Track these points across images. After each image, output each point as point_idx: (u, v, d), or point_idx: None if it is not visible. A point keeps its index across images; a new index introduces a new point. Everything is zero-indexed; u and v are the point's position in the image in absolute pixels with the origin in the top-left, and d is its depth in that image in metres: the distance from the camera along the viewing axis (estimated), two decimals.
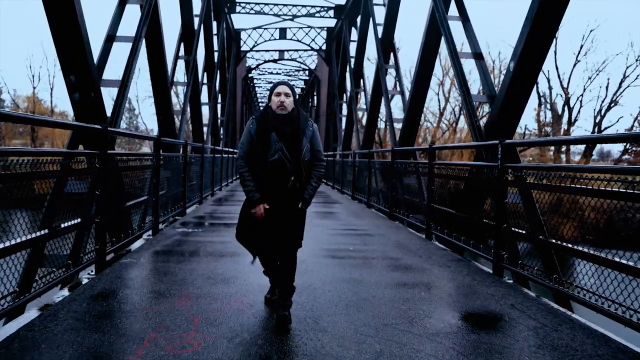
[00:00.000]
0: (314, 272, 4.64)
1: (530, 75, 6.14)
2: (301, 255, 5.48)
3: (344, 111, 23.71)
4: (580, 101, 37.15)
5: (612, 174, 3.55)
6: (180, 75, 13.85)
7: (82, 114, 6.69)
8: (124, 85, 7.70)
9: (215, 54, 18.81)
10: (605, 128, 34.90)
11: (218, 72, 19.82)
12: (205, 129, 16.89)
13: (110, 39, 8.20)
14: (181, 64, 13.90)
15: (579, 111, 37.56)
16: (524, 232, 4.79)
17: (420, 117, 11.70)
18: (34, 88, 47.29)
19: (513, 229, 4.74)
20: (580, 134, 31.95)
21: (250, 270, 4.62)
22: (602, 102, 34.95)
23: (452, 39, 8.11)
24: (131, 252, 5.39)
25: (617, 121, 51.07)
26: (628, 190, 3.23)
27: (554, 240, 4.17)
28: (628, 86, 33.94)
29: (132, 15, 8.57)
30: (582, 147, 35.40)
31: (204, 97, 18.21)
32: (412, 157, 10.88)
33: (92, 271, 4.53)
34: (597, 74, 45.41)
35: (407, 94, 11.82)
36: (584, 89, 37.10)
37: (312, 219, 8.47)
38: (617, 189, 3.37)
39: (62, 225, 4.16)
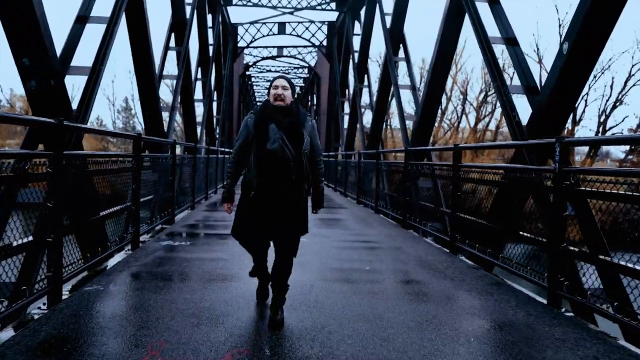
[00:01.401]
0: (326, 305, 3.67)
1: (589, 59, 5.13)
2: (309, 277, 4.54)
3: (346, 109, 22.72)
4: (585, 100, 36.24)
5: None
6: (173, 68, 12.85)
7: (40, 106, 5.63)
8: (95, 73, 6.64)
9: (210, 48, 17.78)
10: (610, 128, 34.09)
11: (213, 67, 18.81)
12: (199, 127, 15.90)
13: (82, 20, 7.13)
14: (172, 56, 12.91)
15: (583, 110, 36.63)
16: (584, 251, 3.85)
17: (436, 114, 10.75)
18: None
19: (571, 247, 3.80)
20: None
21: (246, 301, 3.65)
22: (607, 101, 34.11)
23: (481, 20, 7.11)
24: (103, 273, 4.43)
25: (623, 120, 50.13)
26: None
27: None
28: (634, 85, 33.04)
29: None
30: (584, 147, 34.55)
31: (198, 94, 17.25)
32: (426, 158, 9.92)
33: (45, 303, 3.58)
34: (602, 73, 44.44)
35: (419, 88, 10.91)
36: (589, 87, 36.09)
37: (317, 228, 7.51)
38: None
39: (10, 245, 3.22)
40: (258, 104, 48.21)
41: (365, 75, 17.89)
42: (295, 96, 3.47)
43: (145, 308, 3.48)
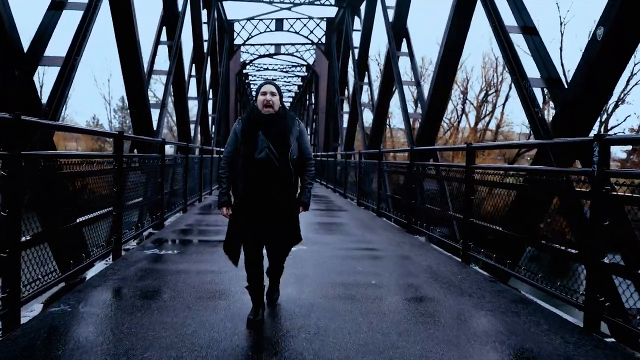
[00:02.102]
0: (330, 331, 3.13)
1: (628, 46, 4.58)
2: (308, 294, 4.00)
3: (345, 108, 22.15)
4: None
5: None
6: (166, 65, 12.22)
7: (1, 99, 5.03)
8: (68, 64, 6.04)
9: (205, 45, 17.18)
10: (612, 127, 33.65)
11: (208, 63, 18.21)
12: (192, 126, 15.32)
13: (58, 5, 6.50)
14: (166, 53, 12.28)
15: None
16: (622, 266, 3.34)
17: (443, 112, 10.21)
18: None
19: (611, 262, 3.29)
20: None
21: (235, 326, 3.12)
22: (608, 99, 33.66)
23: (496, 8, 6.54)
24: (75, 289, 3.90)
25: (625, 120, 49.72)
26: None
27: None
28: (636, 84, 32.57)
29: None
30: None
31: (193, 91, 16.66)
32: (432, 158, 9.39)
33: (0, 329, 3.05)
34: None
35: (424, 85, 10.36)
36: None
37: (316, 234, 6.98)
38: None
39: None
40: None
41: (366, 73, 17.33)
42: (282, 98, 3.45)
43: (117, 335, 2.95)
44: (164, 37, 12.24)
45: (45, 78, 35.35)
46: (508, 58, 6.24)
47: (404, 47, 12.17)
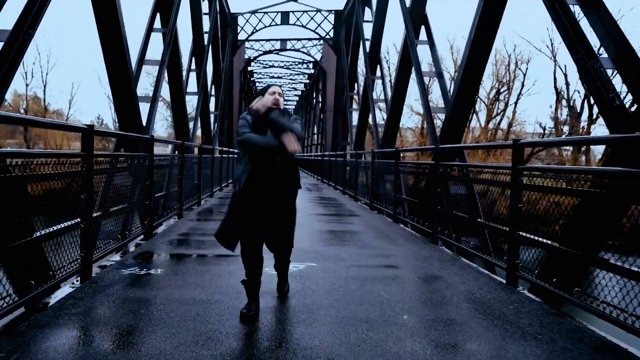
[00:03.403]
0: None
1: None
2: (325, 339, 3.02)
3: (354, 106, 21.08)
4: None
5: None
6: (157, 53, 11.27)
7: None
8: (16, 42, 5.00)
9: (205, 36, 16.18)
10: None
11: (210, 56, 17.22)
12: (191, 123, 14.34)
13: None
14: (158, 41, 11.21)
15: None
16: None
17: (472, 106, 9.20)
18: (27, 85, 44.66)
19: None
20: None
21: None
22: (624, 97, 32.49)
23: None
24: (13, 331, 2.97)
25: None
26: None
27: None
28: None
29: None
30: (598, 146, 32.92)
31: (193, 86, 15.71)
32: (457, 158, 8.38)
33: None
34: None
35: (446, 77, 9.39)
36: None
37: (327, 245, 6.04)
38: None
39: None
40: None
41: (379, 65, 16.24)
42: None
43: None
44: (158, 25, 11.27)
45: None
46: (567, 32, 5.16)
47: (424, 35, 11.13)
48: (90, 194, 4.16)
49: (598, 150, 34.03)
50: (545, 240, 4.09)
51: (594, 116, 33.56)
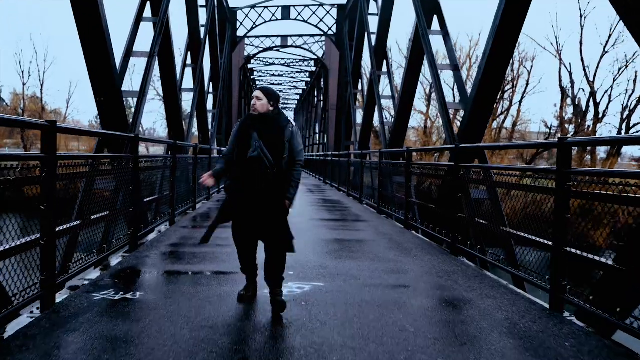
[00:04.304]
0: None
1: None
2: None
3: (358, 103, 20.32)
4: (609, 95, 33.91)
5: None
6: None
7: None
8: None
9: (202, 30, 15.43)
10: (635, 124, 31.71)
11: (207, 51, 16.47)
12: (187, 121, 13.61)
13: None
14: (150, 32, 10.39)
15: (607, 106, 34.09)
16: None
17: (494, 101, 8.41)
18: (24, 84, 43.89)
19: None
20: None
21: None
22: (630, 96, 31.69)
23: None
24: None
25: None
26: None
27: None
28: None
29: None
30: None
31: (189, 83, 14.92)
32: (477, 159, 7.65)
33: None
34: (627, 66, 41.76)
35: (462, 70, 8.62)
36: (614, 81, 33.59)
37: (335, 258, 5.33)
38: None
39: None
40: None
41: (385, 60, 15.44)
42: (278, 101, 3.63)
43: None
44: (148, 15, 10.48)
45: None
46: (625, 9, 4.38)
47: (436, 25, 10.36)
48: (51, 203, 3.45)
49: (600, 150, 33.30)
50: (604, 260, 3.37)
51: (600, 115, 32.88)
